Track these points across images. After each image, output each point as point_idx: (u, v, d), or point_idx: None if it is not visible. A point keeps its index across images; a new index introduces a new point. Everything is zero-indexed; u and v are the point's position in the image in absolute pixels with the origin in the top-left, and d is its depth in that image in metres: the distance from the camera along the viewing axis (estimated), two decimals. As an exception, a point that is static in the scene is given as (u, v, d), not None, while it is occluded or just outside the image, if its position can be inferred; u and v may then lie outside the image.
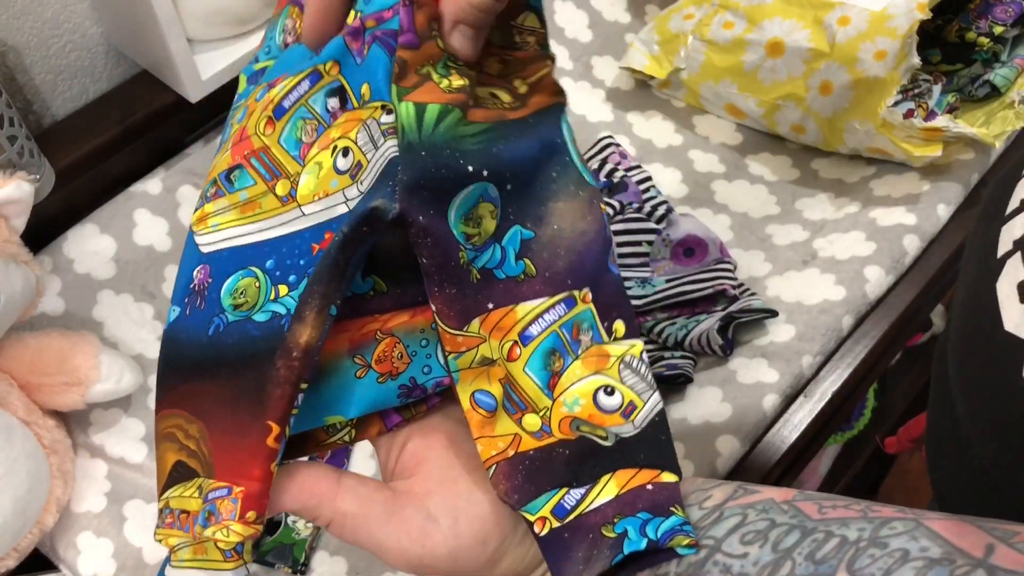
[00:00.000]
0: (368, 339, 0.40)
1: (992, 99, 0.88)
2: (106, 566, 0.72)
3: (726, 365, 0.79)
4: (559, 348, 0.43)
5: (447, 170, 0.37)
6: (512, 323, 0.42)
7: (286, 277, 0.39)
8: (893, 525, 0.30)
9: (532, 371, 0.42)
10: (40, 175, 0.78)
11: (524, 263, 0.42)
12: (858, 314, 0.81)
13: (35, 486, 0.70)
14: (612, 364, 0.44)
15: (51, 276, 0.82)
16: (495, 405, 0.41)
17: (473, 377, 0.41)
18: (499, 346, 0.42)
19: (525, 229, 0.42)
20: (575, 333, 0.43)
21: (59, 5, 0.83)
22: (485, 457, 0.41)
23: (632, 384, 0.44)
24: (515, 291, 0.41)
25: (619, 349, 0.44)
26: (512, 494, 0.40)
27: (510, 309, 0.41)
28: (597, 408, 0.44)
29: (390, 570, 0.72)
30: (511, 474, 0.41)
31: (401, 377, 0.41)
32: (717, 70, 0.93)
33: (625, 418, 0.43)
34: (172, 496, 0.39)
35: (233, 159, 0.41)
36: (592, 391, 0.43)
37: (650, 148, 0.97)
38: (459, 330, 0.40)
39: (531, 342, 0.42)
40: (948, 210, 0.87)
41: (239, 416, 0.38)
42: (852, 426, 1.44)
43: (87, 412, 0.78)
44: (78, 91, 0.89)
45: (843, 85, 0.85)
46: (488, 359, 0.41)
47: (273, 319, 0.38)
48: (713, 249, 0.83)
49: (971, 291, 0.45)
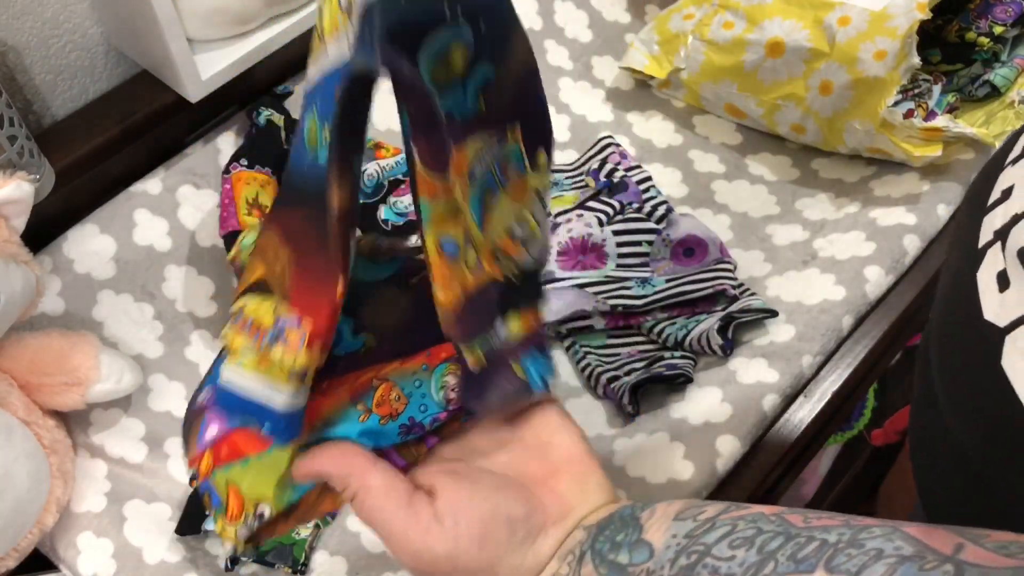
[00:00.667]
0: (366, 387, 0.45)
1: (992, 99, 0.88)
2: (106, 566, 0.72)
3: (726, 365, 0.79)
4: (491, 185, 0.45)
5: (422, 13, 0.38)
6: (463, 163, 0.44)
7: (325, 120, 0.41)
8: (872, 530, 0.32)
9: (472, 207, 0.44)
10: (40, 175, 0.78)
11: (479, 102, 0.43)
12: (858, 314, 0.81)
13: (35, 486, 0.70)
14: (529, 196, 0.47)
15: (51, 276, 0.82)
16: (458, 251, 0.44)
17: (441, 223, 0.44)
18: (458, 188, 0.44)
19: (490, 67, 0.43)
20: (504, 168, 0.45)
21: (59, 5, 0.83)
22: (446, 303, 0.45)
23: (537, 214, 0.47)
24: (466, 128, 0.43)
25: (536, 180, 0.47)
26: (461, 334, 0.45)
27: (462, 147, 0.43)
28: (510, 237, 0.47)
29: (390, 570, 0.72)
30: (460, 317, 0.45)
31: (400, 417, 0.45)
32: (717, 70, 0.93)
33: (524, 247, 0.47)
34: (249, 305, 0.45)
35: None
36: (509, 222, 0.46)
37: (650, 148, 0.97)
38: (438, 174, 0.42)
39: (474, 181, 0.44)
40: (948, 210, 0.87)
41: (316, 256, 0.42)
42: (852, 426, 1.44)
43: (87, 412, 0.78)
44: (78, 91, 0.89)
45: (843, 85, 0.85)
46: (455, 207, 0.44)
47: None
48: (713, 249, 0.83)
49: (953, 281, 0.46)
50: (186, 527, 0.72)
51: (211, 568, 0.72)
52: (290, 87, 0.95)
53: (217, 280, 0.87)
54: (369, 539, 0.74)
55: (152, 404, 0.81)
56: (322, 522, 0.74)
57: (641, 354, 0.81)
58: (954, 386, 0.45)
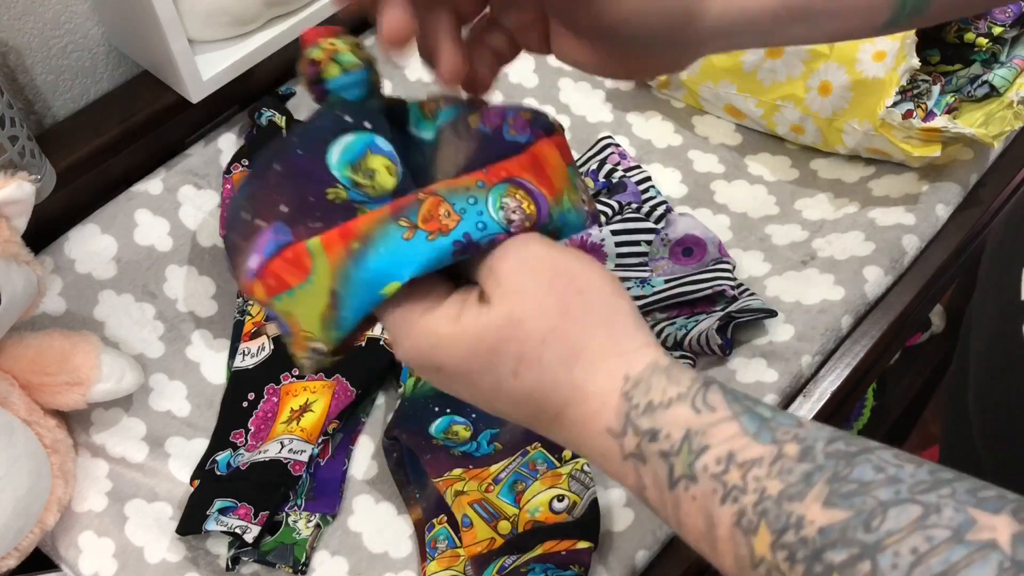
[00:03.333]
0: (410, 203, 0.41)
1: (991, 99, 0.88)
2: (107, 566, 0.72)
3: (725, 365, 0.79)
4: (520, 479, 0.68)
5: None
6: (487, 475, 0.70)
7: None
8: None
9: (503, 496, 0.68)
10: (41, 175, 0.78)
11: (495, 446, 0.72)
12: (857, 314, 0.81)
13: (36, 486, 0.70)
14: (563, 480, 0.67)
15: (52, 276, 0.83)
16: (470, 522, 0.67)
17: (457, 508, 0.67)
18: (478, 485, 0.68)
19: (494, 431, 0.72)
20: (531, 467, 0.69)
21: (60, 6, 0.83)
22: (470, 555, 0.66)
23: (576, 490, 0.67)
24: (487, 459, 0.71)
25: (567, 468, 0.68)
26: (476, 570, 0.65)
27: (485, 469, 0.70)
28: (551, 511, 0.66)
29: (391, 571, 0.72)
30: (482, 563, 0.63)
31: (453, 233, 0.40)
32: (716, 71, 0.93)
33: (569, 514, 0.65)
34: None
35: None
36: (548, 500, 0.66)
37: (649, 148, 0.97)
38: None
39: (500, 482, 0.69)
40: (947, 210, 0.87)
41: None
42: (851, 425, 1.45)
43: (88, 412, 0.78)
44: (79, 91, 0.89)
45: (842, 86, 0.86)
46: (461, 492, 0.68)
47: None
48: (712, 249, 0.83)
49: (994, 335, 0.44)
50: (187, 527, 0.72)
51: (212, 568, 0.73)
52: (292, 88, 0.96)
53: (218, 280, 0.87)
54: (370, 539, 0.74)
55: (153, 404, 0.81)
56: (323, 522, 0.74)
57: (641, 354, 0.81)
58: (1000, 445, 0.44)
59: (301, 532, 0.73)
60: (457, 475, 0.70)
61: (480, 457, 0.72)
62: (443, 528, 0.70)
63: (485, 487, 0.69)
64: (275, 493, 0.72)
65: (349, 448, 0.78)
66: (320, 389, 0.79)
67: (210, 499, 0.72)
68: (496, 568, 0.64)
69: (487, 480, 0.70)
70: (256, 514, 0.71)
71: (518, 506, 0.68)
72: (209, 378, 0.83)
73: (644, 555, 0.69)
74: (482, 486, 0.69)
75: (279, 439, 0.76)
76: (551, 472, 0.69)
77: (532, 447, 0.71)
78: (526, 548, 0.65)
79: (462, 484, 0.69)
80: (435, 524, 0.71)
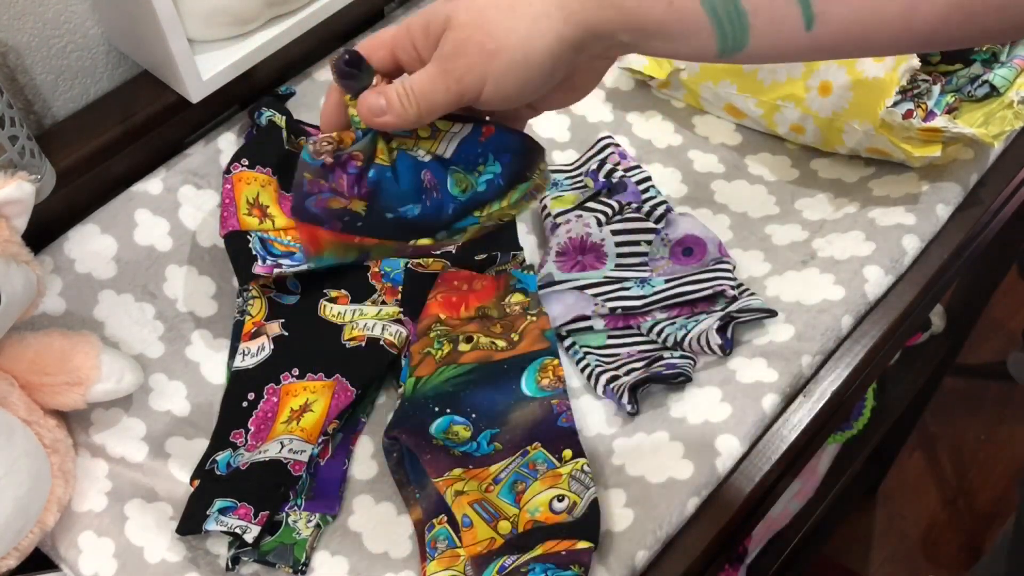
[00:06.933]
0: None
1: (991, 99, 0.88)
2: (107, 566, 0.72)
3: (725, 365, 0.79)
4: (520, 479, 0.70)
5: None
6: (487, 475, 0.71)
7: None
8: None
9: (503, 496, 0.69)
10: (41, 175, 0.78)
11: (495, 445, 0.72)
12: (857, 314, 0.81)
13: (36, 486, 0.70)
14: (563, 480, 0.68)
15: (52, 276, 0.83)
16: (470, 522, 0.68)
17: (457, 508, 0.69)
18: (478, 485, 0.70)
19: (494, 431, 0.73)
20: (531, 467, 0.70)
21: (60, 6, 0.83)
22: (470, 555, 0.67)
23: (576, 490, 0.68)
24: (487, 459, 0.72)
25: (567, 468, 0.69)
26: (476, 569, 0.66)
27: (485, 469, 0.71)
28: (551, 511, 0.67)
29: (391, 571, 0.72)
30: (482, 563, 0.65)
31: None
32: (716, 71, 0.93)
33: (569, 514, 0.66)
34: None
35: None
36: (548, 500, 0.67)
37: (650, 148, 0.97)
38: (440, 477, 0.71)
39: (500, 482, 0.70)
40: (947, 210, 0.87)
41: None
42: (851, 425, 1.45)
43: (88, 412, 0.78)
44: (79, 91, 0.89)
45: (842, 86, 0.86)
46: (461, 491, 0.69)
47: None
48: (712, 249, 0.83)
49: None
50: (187, 527, 0.72)
51: (212, 568, 0.73)
52: (292, 88, 0.96)
53: (218, 280, 0.87)
54: (370, 539, 0.74)
55: (153, 404, 0.81)
56: (323, 522, 0.74)
57: (641, 354, 0.81)
58: None
59: (301, 532, 0.73)
60: (457, 475, 0.71)
61: (480, 457, 0.72)
62: (443, 528, 0.70)
63: (485, 487, 0.70)
64: (275, 493, 0.73)
65: (349, 448, 0.79)
66: (320, 389, 0.79)
67: (210, 499, 0.72)
68: (496, 568, 0.64)
69: (487, 480, 0.70)
70: (256, 514, 0.71)
71: (518, 506, 0.68)
72: (209, 378, 0.83)
73: (644, 555, 0.69)
74: (482, 486, 0.70)
75: (279, 439, 0.76)
76: (551, 472, 0.69)
77: (532, 447, 0.71)
78: (526, 548, 0.65)
79: (462, 484, 0.70)
80: (435, 524, 0.71)
